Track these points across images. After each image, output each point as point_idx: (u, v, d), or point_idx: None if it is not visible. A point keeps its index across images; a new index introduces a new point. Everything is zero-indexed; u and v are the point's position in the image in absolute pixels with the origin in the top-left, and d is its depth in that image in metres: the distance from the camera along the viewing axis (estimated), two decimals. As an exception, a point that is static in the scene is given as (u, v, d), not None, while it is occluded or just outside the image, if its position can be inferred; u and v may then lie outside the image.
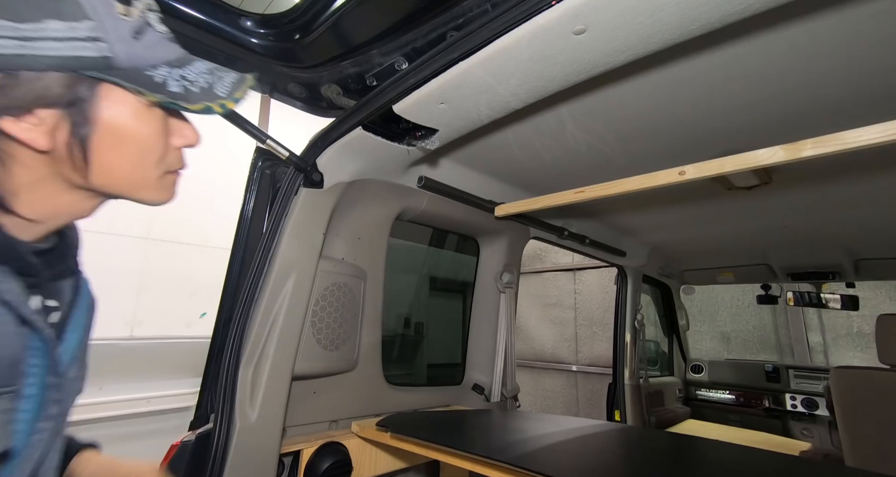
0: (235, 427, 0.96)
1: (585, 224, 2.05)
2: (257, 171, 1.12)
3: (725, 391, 3.11)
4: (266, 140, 0.96)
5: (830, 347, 3.38)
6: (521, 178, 1.58)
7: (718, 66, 0.89)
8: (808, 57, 0.86)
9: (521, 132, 1.22)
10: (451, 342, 1.94)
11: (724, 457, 1.03)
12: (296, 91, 1.05)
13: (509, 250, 1.78)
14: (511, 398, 1.77)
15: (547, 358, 4.48)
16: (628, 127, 1.17)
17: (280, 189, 1.08)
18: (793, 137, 0.97)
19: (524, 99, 0.86)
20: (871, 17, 0.74)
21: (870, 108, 1.00)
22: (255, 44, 0.92)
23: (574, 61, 0.74)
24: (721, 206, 1.81)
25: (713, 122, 1.13)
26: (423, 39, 0.87)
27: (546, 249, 4.56)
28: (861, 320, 3.23)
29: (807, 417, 2.78)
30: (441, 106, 0.88)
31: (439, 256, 1.96)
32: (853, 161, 1.31)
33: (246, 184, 1.12)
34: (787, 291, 2.80)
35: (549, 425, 1.25)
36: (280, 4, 0.89)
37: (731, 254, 2.63)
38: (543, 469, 0.82)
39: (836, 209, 1.75)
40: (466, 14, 0.79)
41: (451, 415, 1.41)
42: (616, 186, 1.23)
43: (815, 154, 0.94)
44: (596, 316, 4.17)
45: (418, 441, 1.07)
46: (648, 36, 0.68)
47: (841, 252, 2.34)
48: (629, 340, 2.55)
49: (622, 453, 1.07)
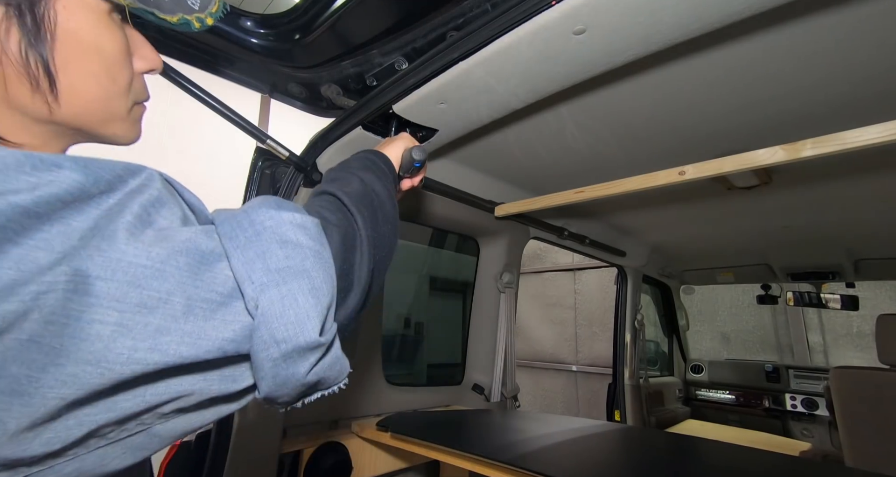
0: (235, 427, 0.96)
1: (585, 224, 2.05)
2: (257, 171, 1.11)
3: (725, 391, 3.11)
4: (266, 140, 0.96)
5: (830, 347, 3.38)
6: (521, 178, 1.58)
7: (718, 66, 0.89)
8: (809, 57, 0.86)
9: (521, 132, 1.22)
10: (451, 342, 1.94)
11: (724, 457, 1.03)
12: (296, 91, 1.05)
13: (509, 250, 1.78)
14: (511, 398, 1.77)
15: (547, 358, 4.48)
16: (628, 127, 1.17)
17: (280, 189, 1.08)
18: (793, 137, 0.97)
19: (524, 99, 0.86)
20: (871, 17, 0.74)
21: (870, 108, 1.00)
22: (255, 44, 0.92)
23: (574, 61, 0.74)
24: (721, 207, 1.81)
25: (713, 123, 1.13)
26: (423, 39, 0.87)
27: (546, 248, 4.56)
28: (861, 320, 3.23)
29: (807, 417, 2.78)
30: (441, 106, 0.88)
31: (439, 255, 1.96)
32: (853, 161, 1.31)
33: (246, 184, 1.12)
34: (787, 291, 2.80)
35: (549, 425, 1.25)
36: (280, 4, 0.89)
37: (731, 254, 2.63)
38: (543, 469, 0.82)
39: (836, 209, 1.75)
40: (466, 14, 0.79)
41: (451, 415, 1.41)
42: (616, 186, 1.23)
43: (815, 154, 0.94)
44: (596, 316, 4.17)
45: (418, 441, 1.07)
46: (648, 36, 0.68)
47: (841, 252, 2.33)
48: (629, 340, 2.55)
49: (622, 453, 1.07)
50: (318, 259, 0.38)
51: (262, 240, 0.35)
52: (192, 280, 0.31)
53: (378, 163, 0.69)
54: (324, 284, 0.37)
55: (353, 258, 0.46)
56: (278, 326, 0.33)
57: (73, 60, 0.38)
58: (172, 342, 0.29)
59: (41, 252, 0.26)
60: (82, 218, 0.28)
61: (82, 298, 0.27)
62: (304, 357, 0.35)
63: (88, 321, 0.27)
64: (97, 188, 0.29)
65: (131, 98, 0.45)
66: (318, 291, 0.36)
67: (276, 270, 0.34)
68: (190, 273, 0.31)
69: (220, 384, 0.34)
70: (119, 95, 0.43)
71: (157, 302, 0.29)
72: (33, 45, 0.36)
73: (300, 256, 0.36)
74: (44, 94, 0.38)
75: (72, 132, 0.43)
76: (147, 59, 0.47)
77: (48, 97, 0.38)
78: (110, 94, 0.42)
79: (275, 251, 0.35)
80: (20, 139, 0.39)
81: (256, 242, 0.35)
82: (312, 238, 0.38)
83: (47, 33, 0.37)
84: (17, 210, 0.26)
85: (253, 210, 0.38)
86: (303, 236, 0.38)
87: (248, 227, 0.36)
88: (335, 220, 0.48)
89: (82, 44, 0.39)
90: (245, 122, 0.90)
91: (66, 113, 0.40)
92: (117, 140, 0.46)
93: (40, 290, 0.26)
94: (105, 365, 0.27)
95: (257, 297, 0.33)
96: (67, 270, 0.27)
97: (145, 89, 0.48)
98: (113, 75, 0.42)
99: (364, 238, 0.48)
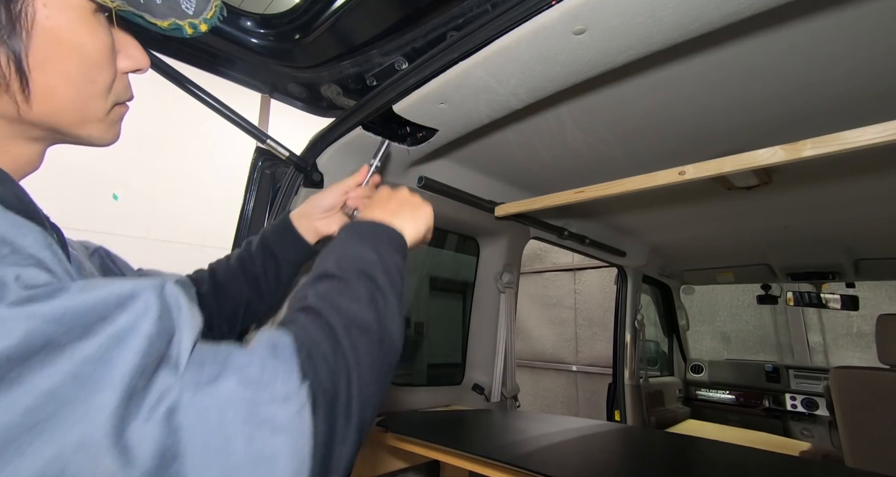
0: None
1: (585, 224, 2.05)
2: (257, 171, 1.11)
3: (725, 391, 3.11)
4: (266, 140, 0.96)
5: (830, 347, 3.38)
6: (521, 178, 1.58)
7: (718, 65, 0.89)
8: (809, 57, 0.86)
9: (521, 132, 1.22)
10: (451, 342, 1.94)
11: (724, 457, 1.03)
12: (296, 91, 1.05)
13: (509, 250, 1.78)
14: (511, 398, 1.77)
15: (547, 358, 4.48)
16: (628, 127, 1.17)
17: (280, 189, 1.08)
18: (793, 137, 0.97)
19: (524, 99, 0.86)
20: (871, 17, 0.74)
21: (870, 108, 1.00)
22: (255, 44, 0.92)
23: (574, 61, 0.74)
24: (721, 206, 1.81)
25: (713, 122, 1.13)
26: (423, 39, 0.87)
27: (546, 248, 4.56)
28: (861, 320, 3.23)
29: (807, 417, 2.78)
30: (441, 106, 0.88)
31: (439, 255, 1.96)
32: (853, 161, 1.30)
33: (246, 184, 1.12)
34: (787, 291, 2.80)
35: (549, 425, 1.25)
36: (280, 4, 0.89)
37: (731, 254, 2.63)
38: (543, 469, 0.82)
39: (836, 209, 1.75)
40: (466, 14, 0.79)
41: (451, 415, 1.41)
42: (616, 186, 1.23)
43: (815, 154, 0.94)
44: (596, 316, 4.17)
45: (418, 441, 1.07)
46: (648, 36, 0.68)
47: (841, 252, 2.33)
48: (629, 340, 2.55)
49: (622, 453, 1.07)
50: (292, 460, 0.32)
51: (228, 445, 0.29)
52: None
53: (397, 261, 0.54)
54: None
55: (336, 430, 0.37)
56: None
57: (49, 60, 0.36)
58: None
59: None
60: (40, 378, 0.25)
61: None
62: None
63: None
64: (66, 337, 0.27)
65: (111, 99, 0.43)
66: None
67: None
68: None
69: None
70: (97, 96, 0.41)
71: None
72: (6, 43, 0.34)
73: (269, 462, 0.30)
74: (13, 94, 0.36)
75: (44, 132, 0.41)
76: (133, 59, 0.45)
77: (18, 97, 0.36)
78: (88, 95, 0.40)
79: (238, 457, 0.29)
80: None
81: (222, 451, 0.29)
82: (292, 433, 0.32)
83: (23, 30, 0.35)
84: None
85: (226, 384, 0.31)
86: (281, 431, 0.32)
87: (215, 422, 0.30)
88: (328, 380, 0.38)
89: (61, 43, 0.37)
90: (245, 122, 0.90)
91: (38, 113, 0.38)
92: (93, 141, 0.44)
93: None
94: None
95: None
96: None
97: (128, 89, 0.46)
98: (92, 76, 0.40)
99: (355, 403, 0.39)
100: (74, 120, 0.41)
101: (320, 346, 0.39)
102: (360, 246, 0.53)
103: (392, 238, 0.56)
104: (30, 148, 0.41)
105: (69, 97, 0.39)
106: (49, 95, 0.38)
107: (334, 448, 0.36)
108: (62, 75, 0.38)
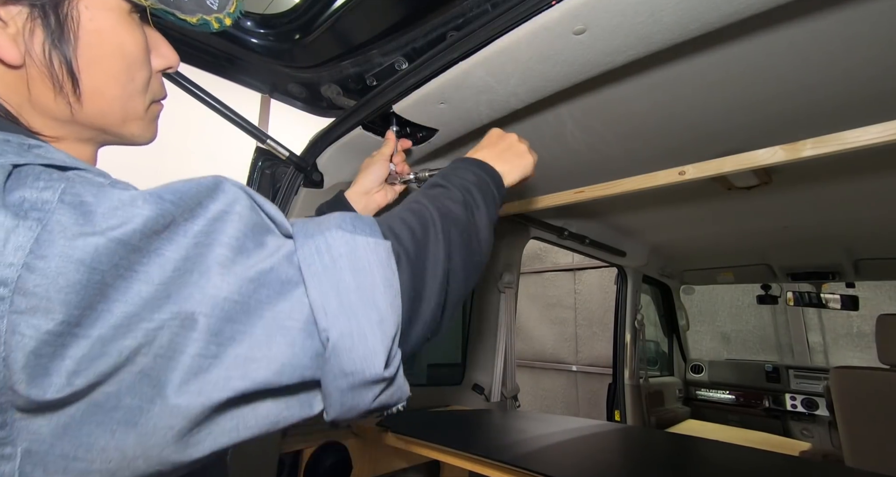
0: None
1: (585, 224, 2.05)
2: (257, 171, 1.11)
3: (725, 391, 3.11)
4: (266, 140, 0.96)
5: (830, 347, 3.38)
6: (521, 178, 1.58)
7: (719, 65, 0.89)
8: (809, 57, 0.86)
9: (521, 132, 1.20)
10: (451, 342, 1.94)
11: (723, 457, 1.03)
12: (296, 91, 1.05)
13: (509, 250, 1.78)
14: (511, 398, 1.77)
15: (547, 358, 4.48)
16: (628, 127, 1.17)
17: (280, 189, 1.08)
18: (793, 137, 0.97)
19: (524, 99, 0.86)
20: (870, 18, 0.74)
21: (870, 108, 1.00)
22: (255, 44, 0.92)
23: (574, 61, 0.74)
24: (721, 206, 1.81)
25: (713, 122, 1.13)
26: (423, 39, 0.87)
27: (546, 248, 4.57)
28: (861, 320, 3.23)
29: (807, 417, 2.78)
30: (441, 106, 0.88)
31: (439, 255, 1.96)
32: (853, 161, 1.31)
33: (246, 184, 1.12)
34: (787, 291, 2.81)
35: (549, 425, 1.25)
36: (280, 4, 0.89)
37: (731, 254, 2.63)
38: (543, 469, 0.82)
39: (836, 209, 1.75)
40: (466, 14, 0.79)
41: (451, 415, 1.41)
42: (616, 186, 1.23)
43: (815, 154, 0.94)
44: (596, 316, 4.17)
45: (418, 441, 1.07)
46: (648, 36, 0.68)
47: (841, 252, 2.34)
48: (629, 340, 2.55)
49: (622, 453, 1.07)
50: (388, 289, 0.37)
51: (336, 268, 0.36)
52: (272, 310, 0.32)
53: (493, 189, 0.63)
54: (391, 316, 0.37)
55: (422, 290, 0.43)
56: (347, 360, 0.34)
57: (95, 61, 0.38)
58: (260, 369, 0.31)
59: (143, 285, 0.28)
60: (173, 248, 0.29)
61: (188, 333, 0.28)
62: (369, 389, 0.36)
63: (191, 355, 0.28)
64: (182, 216, 0.30)
65: (149, 97, 0.45)
66: (385, 323, 0.36)
67: (347, 302, 0.35)
68: (271, 304, 0.32)
69: (300, 410, 0.35)
70: (137, 94, 0.43)
71: (244, 335, 0.30)
72: (57, 46, 0.36)
73: (370, 287, 0.36)
74: (66, 95, 0.38)
75: (94, 133, 0.43)
76: (165, 57, 0.46)
77: (70, 98, 0.38)
78: (129, 93, 0.42)
79: (347, 281, 0.35)
80: (54, 134, 0.40)
81: (332, 271, 0.35)
82: (383, 265, 0.38)
83: (71, 34, 0.36)
84: (120, 245, 0.27)
85: (329, 232, 0.37)
86: (375, 264, 0.38)
87: (325, 252, 0.36)
88: (412, 246, 0.44)
89: (104, 44, 0.39)
90: (245, 122, 0.90)
91: (88, 113, 0.40)
92: (135, 140, 0.46)
93: (153, 327, 0.27)
94: (206, 394, 0.29)
95: (329, 328, 0.33)
96: (174, 308, 0.28)
97: (162, 87, 0.48)
98: (132, 74, 0.42)
99: (440, 274, 0.45)
100: (118, 119, 0.43)
101: (408, 222, 0.46)
102: (466, 173, 0.61)
103: (493, 176, 0.64)
104: (83, 150, 0.43)
105: (115, 96, 0.41)
106: (97, 95, 0.40)
107: (420, 306, 0.42)
108: (107, 75, 0.40)
